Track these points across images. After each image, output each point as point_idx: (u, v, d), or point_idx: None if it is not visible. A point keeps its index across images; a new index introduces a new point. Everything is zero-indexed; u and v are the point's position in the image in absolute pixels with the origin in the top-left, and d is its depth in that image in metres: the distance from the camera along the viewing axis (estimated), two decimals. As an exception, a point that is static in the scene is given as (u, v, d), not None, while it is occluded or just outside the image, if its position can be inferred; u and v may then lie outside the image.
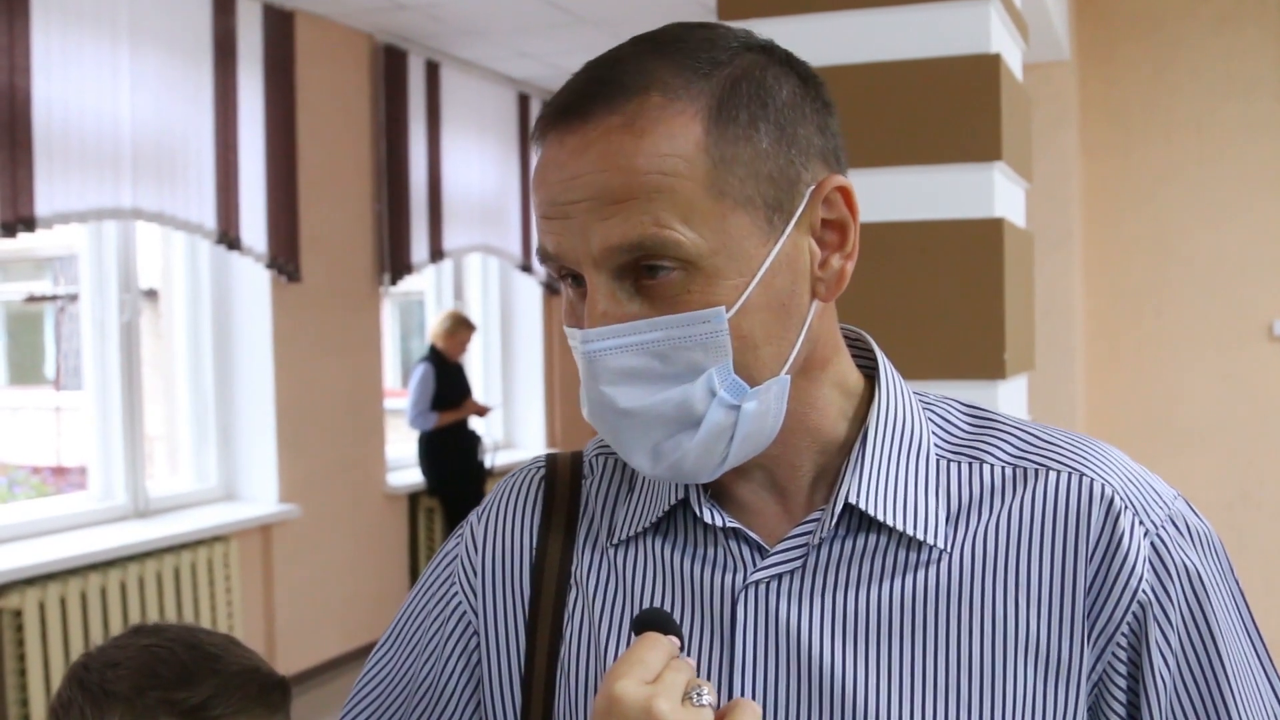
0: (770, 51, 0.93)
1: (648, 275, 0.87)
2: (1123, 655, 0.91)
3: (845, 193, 0.93)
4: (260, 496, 5.89)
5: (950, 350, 2.60)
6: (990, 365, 2.60)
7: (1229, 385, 5.10)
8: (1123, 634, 0.91)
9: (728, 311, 0.87)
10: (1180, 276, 5.16)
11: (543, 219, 0.90)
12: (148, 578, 4.96)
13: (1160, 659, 0.90)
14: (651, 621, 0.88)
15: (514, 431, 8.42)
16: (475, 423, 7.15)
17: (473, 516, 1.10)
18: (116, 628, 4.80)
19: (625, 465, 1.05)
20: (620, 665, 0.84)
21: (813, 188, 0.91)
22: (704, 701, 0.83)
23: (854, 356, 1.01)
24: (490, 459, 7.25)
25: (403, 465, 7.11)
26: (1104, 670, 0.91)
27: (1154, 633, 0.90)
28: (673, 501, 0.98)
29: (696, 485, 0.97)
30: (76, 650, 4.62)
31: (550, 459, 1.10)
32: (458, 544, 1.09)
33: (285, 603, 5.91)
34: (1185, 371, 5.16)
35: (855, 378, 1.00)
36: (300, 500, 5.96)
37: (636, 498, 1.02)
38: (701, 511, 0.96)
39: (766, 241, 0.88)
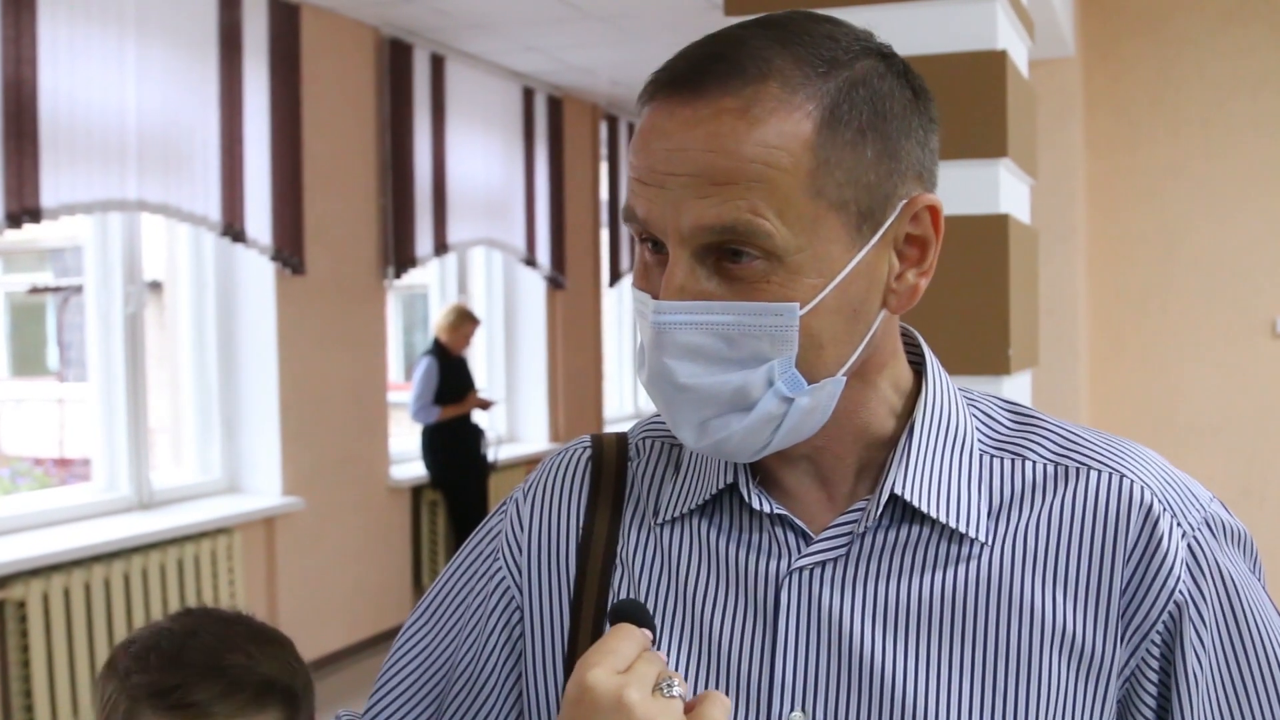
0: (890, 60, 0.94)
1: (730, 259, 0.88)
2: (1155, 652, 0.93)
3: (934, 212, 0.94)
4: (264, 489, 5.90)
5: (955, 346, 2.60)
6: (994, 361, 2.61)
7: (1232, 382, 5.10)
8: (1157, 632, 0.93)
9: (801, 308, 0.88)
10: (1184, 273, 5.16)
11: (637, 182, 0.91)
12: (151, 570, 4.97)
13: (1194, 658, 0.92)
14: (626, 613, 0.90)
15: (517, 425, 8.43)
16: (478, 416, 7.15)
17: (518, 493, 1.12)
18: (120, 619, 4.82)
19: (671, 448, 1.07)
20: (592, 654, 0.85)
21: (904, 203, 0.92)
22: (674, 693, 0.85)
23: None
24: (493, 453, 7.25)
25: (406, 459, 7.12)
26: (1136, 667, 0.93)
27: (1189, 632, 0.92)
28: (720, 486, 0.99)
29: (746, 471, 0.99)
30: (80, 642, 4.64)
31: (596, 439, 1.11)
32: (501, 520, 1.11)
33: (288, 595, 5.92)
34: (1189, 368, 5.16)
35: (907, 377, 1.01)
36: (304, 493, 5.97)
37: (683, 479, 1.03)
38: (750, 497, 0.98)
39: (852, 247, 0.90)
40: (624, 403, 10.37)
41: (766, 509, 0.97)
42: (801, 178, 0.87)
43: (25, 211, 4.45)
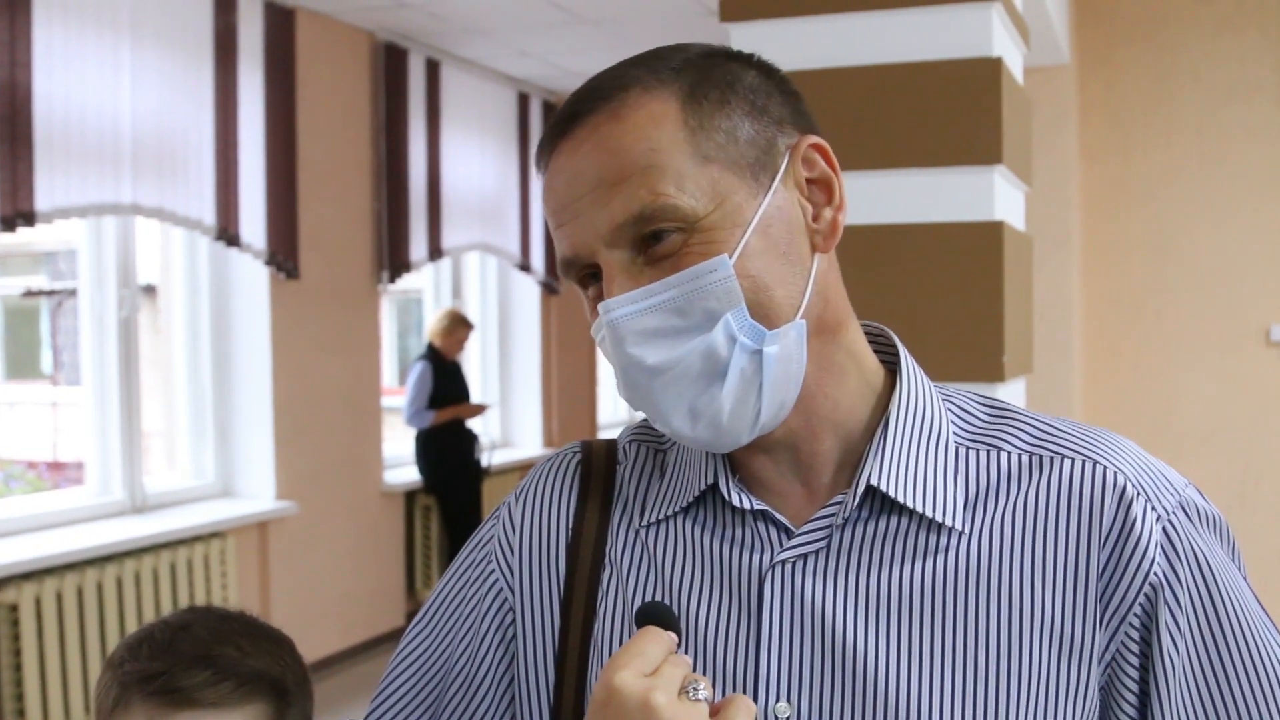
0: (733, 54, 1.01)
1: (653, 243, 0.94)
2: (1135, 636, 0.94)
3: (822, 150, 1.00)
4: (257, 493, 5.89)
5: (949, 352, 2.60)
6: (989, 368, 2.61)
7: (1226, 389, 5.10)
8: (1135, 615, 0.94)
9: (730, 258, 0.93)
10: (1179, 280, 5.16)
11: (557, 229, 0.97)
12: (144, 573, 4.96)
13: (1169, 640, 0.94)
14: (652, 615, 0.91)
15: (511, 430, 8.42)
16: (472, 421, 7.15)
17: (510, 498, 1.14)
18: (113, 623, 4.81)
19: (657, 452, 1.10)
20: (620, 656, 0.87)
21: (790, 148, 0.98)
22: (700, 696, 0.86)
23: (876, 352, 1.06)
24: (487, 458, 7.25)
25: (400, 463, 7.11)
26: (1116, 651, 0.95)
27: (1164, 615, 0.94)
28: (703, 486, 1.02)
29: (726, 470, 1.01)
30: (72, 645, 4.63)
31: (586, 444, 1.14)
32: (494, 525, 1.13)
33: (281, 600, 5.92)
34: (1183, 375, 5.17)
35: (873, 362, 1.04)
36: (297, 497, 5.96)
37: (668, 482, 1.06)
38: (730, 495, 1.00)
39: (756, 195, 0.95)
40: (618, 408, 10.37)
41: (747, 505, 1.00)
42: (683, 148, 0.93)
43: (19, 215, 4.45)
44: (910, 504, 0.97)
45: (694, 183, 0.93)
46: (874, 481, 0.97)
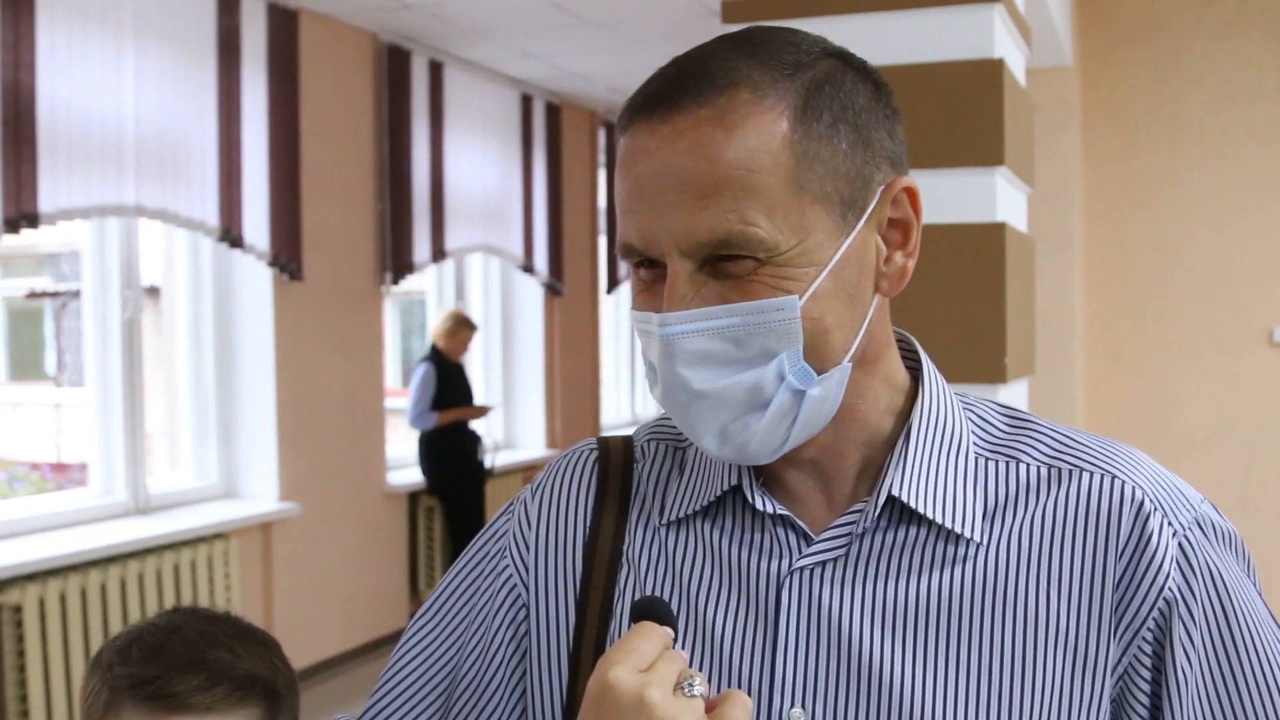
0: (848, 59, 0.97)
1: (726, 260, 0.91)
2: (1147, 649, 0.94)
3: (911, 194, 0.98)
4: (260, 494, 5.90)
5: (951, 354, 2.60)
6: (991, 369, 2.61)
7: (1228, 391, 5.10)
8: (1148, 629, 0.94)
9: (800, 299, 0.91)
10: (1181, 282, 5.16)
11: (627, 212, 0.93)
12: (147, 574, 4.96)
13: (1183, 654, 0.94)
14: (648, 610, 0.90)
15: (514, 432, 8.42)
16: (475, 422, 7.15)
17: (525, 493, 1.13)
18: (115, 624, 4.81)
19: (676, 450, 1.09)
20: (614, 652, 0.86)
21: (883, 188, 0.96)
22: (695, 692, 0.85)
23: (901, 358, 1.06)
24: (490, 459, 7.25)
25: (403, 464, 7.11)
26: (1129, 664, 0.95)
27: (1178, 629, 0.94)
28: (725, 487, 1.01)
29: (750, 472, 1.00)
30: (76, 646, 4.63)
31: (602, 441, 1.13)
32: (509, 520, 1.12)
33: (284, 601, 5.92)
34: (1185, 377, 5.17)
35: (903, 375, 1.04)
36: (300, 498, 5.96)
37: (687, 481, 1.05)
38: (754, 498, 0.99)
39: (839, 235, 0.93)
40: (621, 409, 10.37)
41: (769, 509, 0.99)
42: (783, 176, 0.90)
43: (23, 216, 4.45)
44: (930, 515, 0.97)
45: (783, 214, 0.90)
46: (895, 492, 0.97)
